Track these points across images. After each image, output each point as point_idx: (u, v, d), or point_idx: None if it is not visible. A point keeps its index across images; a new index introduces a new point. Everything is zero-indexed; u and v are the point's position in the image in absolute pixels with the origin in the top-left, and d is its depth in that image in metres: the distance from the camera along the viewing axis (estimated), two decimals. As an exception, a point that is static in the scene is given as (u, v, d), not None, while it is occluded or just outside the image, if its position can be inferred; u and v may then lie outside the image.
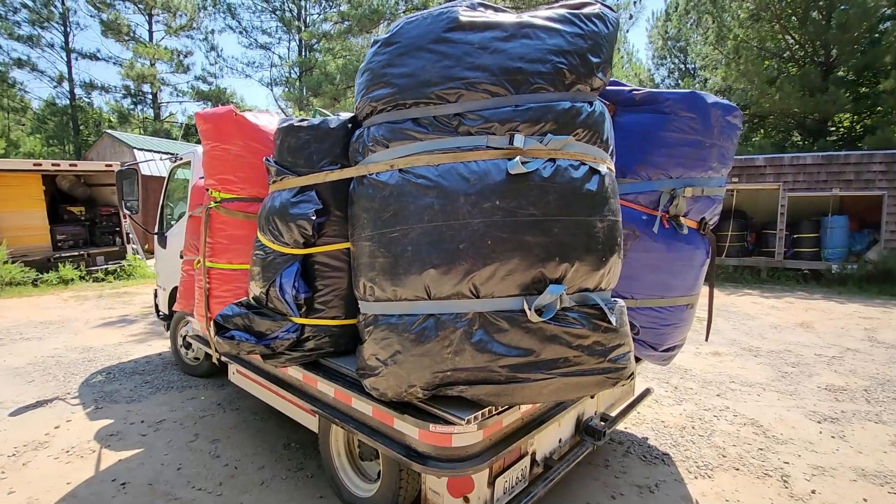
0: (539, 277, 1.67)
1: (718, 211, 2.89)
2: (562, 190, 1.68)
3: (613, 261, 1.83)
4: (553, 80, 1.74)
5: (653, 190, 2.66)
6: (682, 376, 4.99)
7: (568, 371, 1.71)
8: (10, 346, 5.33)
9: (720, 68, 18.43)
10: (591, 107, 1.81)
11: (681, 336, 2.97)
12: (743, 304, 8.78)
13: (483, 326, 1.67)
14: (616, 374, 1.81)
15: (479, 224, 1.65)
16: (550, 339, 1.67)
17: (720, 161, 2.70)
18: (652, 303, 2.77)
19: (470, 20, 1.75)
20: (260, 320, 2.31)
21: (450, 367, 1.69)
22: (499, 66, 1.71)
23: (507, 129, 1.71)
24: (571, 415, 2.60)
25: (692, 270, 2.82)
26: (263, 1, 25.26)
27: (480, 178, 1.66)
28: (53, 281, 9.08)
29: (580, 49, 1.78)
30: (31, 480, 2.74)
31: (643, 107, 2.65)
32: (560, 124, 1.73)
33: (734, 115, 2.65)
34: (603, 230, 1.77)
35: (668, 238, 2.69)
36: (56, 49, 19.58)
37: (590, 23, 1.82)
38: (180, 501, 2.58)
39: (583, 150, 1.78)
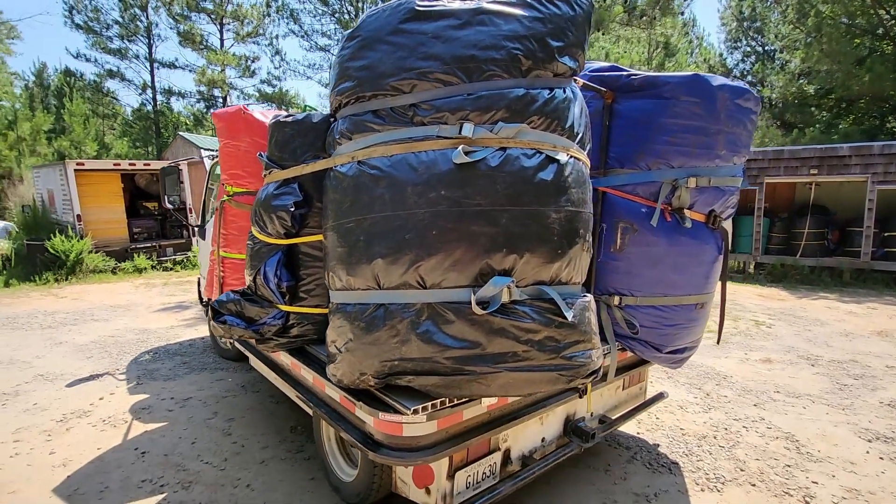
0: (486, 269, 1.63)
1: (733, 203, 2.65)
2: (510, 179, 1.63)
3: (574, 253, 1.75)
4: (508, 66, 1.68)
5: (652, 181, 2.50)
6: (718, 382, 4.65)
7: (517, 366, 1.66)
8: (81, 325, 6.02)
9: (800, 49, 16.72)
10: (550, 93, 1.74)
11: (690, 337, 2.77)
12: (814, 308, 7.99)
13: (431, 317, 1.67)
14: (571, 372, 1.73)
15: (424, 214, 1.64)
16: (497, 332, 1.63)
17: (730, 148, 2.48)
18: (654, 301, 2.61)
19: (426, 10, 1.74)
20: (250, 306, 2.45)
21: (397, 357, 1.70)
22: (451, 54, 1.68)
23: (458, 117, 1.68)
24: (558, 413, 2.52)
25: (700, 267, 2.61)
26: (323, 4, 26.35)
27: (428, 167, 1.65)
28: (129, 269, 10.10)
29: (538, 33, 1.71)
30: (69, 444, 3.10)
31: (642, 92, 2.49)
32: (513, 112, 1.68)
33: (745, 98, 2.41)
34: (559, 221, 1.69)
35: (669, 232, 2.51)
36: (141, 60, 21.75)
37: (551, 6, 1.75)
38: (187, 472, 2.80)
39: (539, 139, 1.71)
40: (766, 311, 8.12)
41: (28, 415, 3.51)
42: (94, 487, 2.63)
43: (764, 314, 7.94)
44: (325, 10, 25.97)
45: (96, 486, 2.65)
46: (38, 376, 4.26)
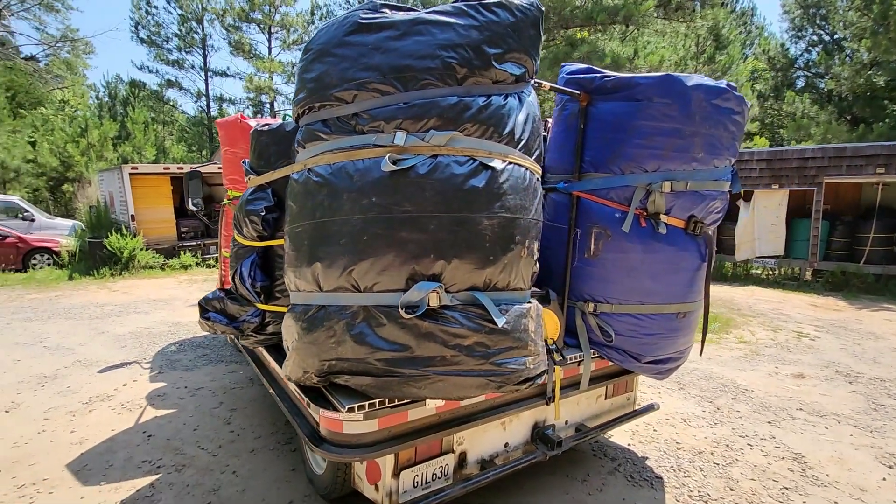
0: (414, 274, 1.67)
1: (717, 208, 2.53)
2: (439, 186, 1.66)
3: (509, 259, 1.75)
4: (442, 75, 1.72)
5: (626, 185, 2.43)
6: (735, 396, 4.40)
7: (445, 370, 1.69)
8: (124, 317, 6.56)
9: (866, 38, 15.34)
10: (486, 100, 1.75)
11: (672, 348, 2.66)
12: (872, 321, 7.37)
13: (365, 320, 1.73)
14: (501, 379, 1.74)
15: (357, 220, 1.70)
16: (425, 336, 1.67)
17: (709, 151, 2.37)
18: (630, 309, 2.54)
19: (368, 22, 1.80)
20: (231, 304, 2.61)
21: (334, 357, 1.77)
22: (388, 64, 1.74)
23: (393, 126, 1.73)
24: (524, 419, 2.50)
25: (679, 275, 2.52)
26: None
27: (362, 175, 1.72)
28: (176, 266, 10.86)
29: (474, 41, 1.73)
30: (89, 424, 3.42)
31: (616, 94, 2.43)
32: (445, 120, 1.71)
33: (723, 98, 2.30)
34: (492, 227, 1.71)
35: (645, 238, 2.44)
36: (196, 69, 23.32)
37: (488, 13, 1.76)
38: (184, 456, 3.02)
39: (473, 146, 1.73)
40: (814, 322, 7.58)
41: (60, 396, 3.89)
42: (101, 465, 2.90)
43: (810, 325, 7.41)
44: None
45: (102, 463, 2.92)
46: (77, 362, 4.70)
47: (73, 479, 2.74)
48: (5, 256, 10.24)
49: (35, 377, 4.29)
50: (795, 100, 19.85)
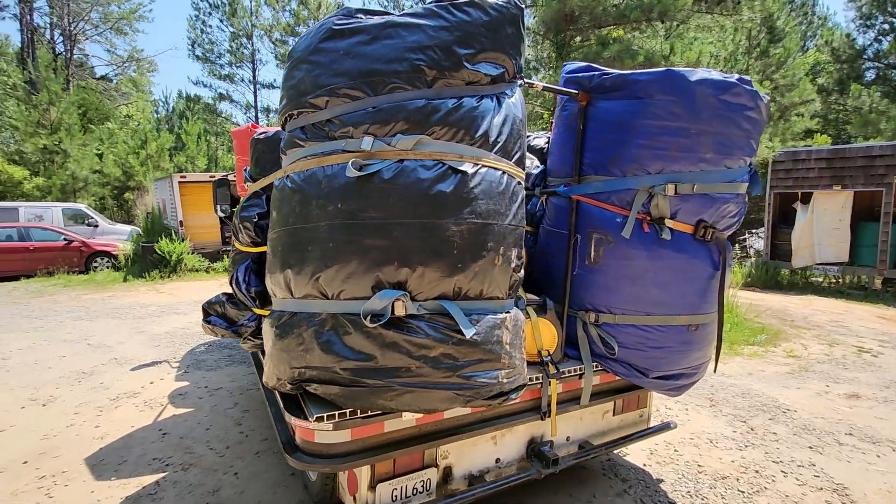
0: (379, 282, 1.63)
1: (731, 212, 2.33)
2: (404, 192, 1.61)
3: (481, 267, 1.68)
4: (410, 78, 1.67)
5: (627, 188, 2.28)
6: (774, 416, 4.04)
7: (410, 381, 1.63)
8: (164, 318, 6.93)
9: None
10: (457, 102, 1.69)
11: (684, 363, 2.47)
12: None
13: (334, 327, 1.70)
14: (470, 393, 1.65)
15: (324, 227, 1.68)
16: (390, 346, 1.62)
17: (719, 150, 2.18)
18: (636, 320, 2.38)
19: (341, 28, 1.79)
20: (231, 309, 2.67)
21: (303, 365, 1.75)
22: (358, 69, 1.71)
23: (362, 131, 1.70)
24: (518, 434, 2.39)
25: (689, 284, 2.33)
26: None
27: (330, 181, 1.70)
28: (220, 269, 11.41)
29: (443, 42, 1.68)
30: (112, 420, 3.61)
31: (616, 93, 2.30)
32: (412, 123, 1.66)
33: (733, 93, 2.11)
34: (460, 234, 1.63)
35: (649, 244, 2.28)
36: (246, 83, 24.60)
37: (459, 13, 1.70)
38: (192, 455, 3.11)
39: (442, 149, 1.67)
40: (878, 336, 6.91)
41: (93, 392, 4.14)
42: (116, 460, 3.04)
43: (874, 340, 6.76)
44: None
45: (118, 458, 3.06)
46: (113, 359, 5.00)
47: (88, 473, 2.89)
48: (70, 259, 11.14)
49: (74, 373, 4.60)
50: (862, 93, 18.29)
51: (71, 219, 12.91)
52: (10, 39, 26.78)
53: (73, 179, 15.84)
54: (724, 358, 6.01)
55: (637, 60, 7.10)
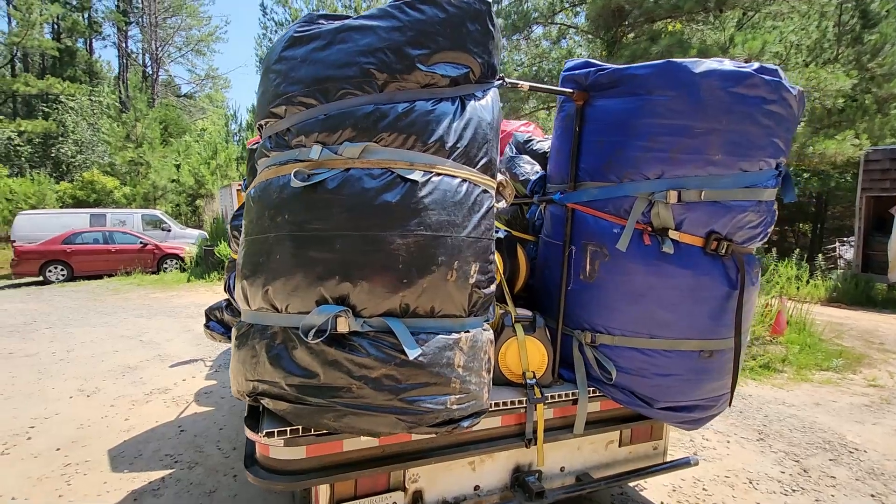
0: (321, 296, 1.55)
1: (751, 222, 2.03)
2: (348, 202, 1.53)
3: (430, 282, 1.55)
4: (360, 83, 1.59)
5: (625, 195, 2.05)
6: (836, 457, 3.51)
7: (351, 402, 1.54)
8: (213, 317, 7.37)
9: None
10: (408, 107, 1.58)
11: (696, 393, 2.18)
12: None
13: (284, 341, 1.64)
14: (413, 418, 1.53)
15: (273, 238, 1.64)
16: (331, 364, 1.54)
17: (732, 151, 1.90)
18: (637, 343, 2.14)
19: (300, 35, 1.75)
20: (227, 314, 2.73)
21: (255, 377, 1.72)
22: (312, 76, 1.66)
23: (313, 140, 1.65)
24: (500, 461, 2.21)
25: (700, 305, 2.06)
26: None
27: (280, 191, 1.66)
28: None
29: (395, 44, 1.58)
30: (141, 414, 3.84)
31: (613, 90, 2.09)
32: (360, 130, 1.58)
33: (748, 85, 1.83)
34: (406, 247, 1.52)
35: (649, 259, 2.04)
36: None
37: (413, 11, 1.60)
38: (201, 454, 3.22)
39: (391, 157, 1.57)
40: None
41: (132, 386, 4.45)
42: (133, 453, 3.22)
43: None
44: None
45: (135, 451, 3.23)
46: (157, 356, 5.36)
47: (107, 464, 3.07)
48: (144, 261, 12.25)
49: (122, 367, 4.98)
50: (981, 82, 15.76)
51: (148, 224, 14.20)
52: (111, 65, 30.27)
53: (153, 188, 17.48)
54: (789, 384, 5.36)
55: (690, 54, 6.55)
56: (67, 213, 13.99)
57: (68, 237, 11.90)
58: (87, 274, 11.92)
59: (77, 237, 12.04)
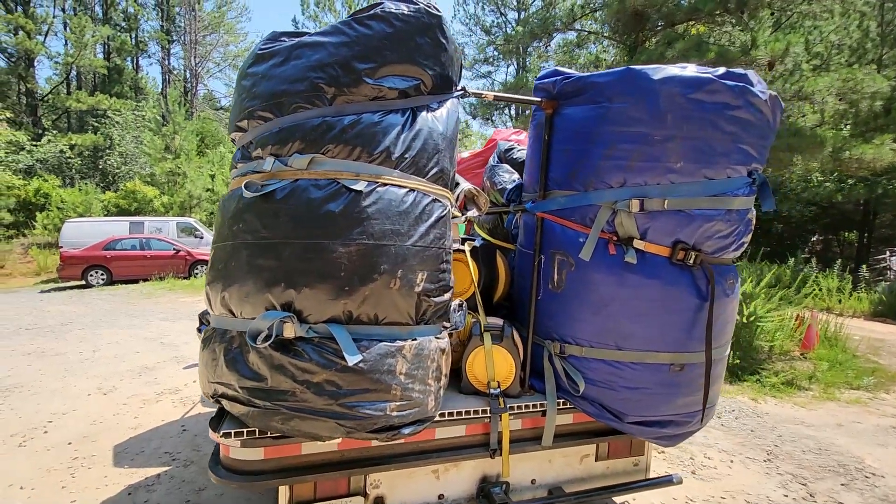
0: (269, 302, 1.61)
1: (720, 232, 1.97)
2: (294, 212, 1.59)
3: (371, 290, 1.59)
4: (310, 97, 1.66)
5: (589, 204, 2.03)
6: (849, 481, 3.31)
7: (294, 406, 1.58)
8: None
9: None
10: (355, 119, 1.63)
11: (668, 408, 2.12)
12: None
13: (240, 346, 1.72)
14: (352, 423, 1.56)
15: (230, 246, 1.72)
16: (278, 368, 1.59)
17: (694, 159, 1.86)
18: (605, 354, 2.10)
19: (262, 52, 1.83)
20: (217, 319, 2.84)
21: (216, 380, 1.79)
22: (269, 91, 1.74)
23: (268, 152, 1.72)
24: (466, 470, 2.20)
25: (669, 316, 2.01)
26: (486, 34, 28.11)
27: (237, 202, 1.74)
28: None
29: (342, 58, 1.64)
30: (150, 413, 4.03)
31: (578, 98, 2.08)
32: (308, 142, 1.64)
33: (709, 91, 1.79)
34: (348, 255, 1.57)
35: (615, 269, 2.02)
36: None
37: (361, 27, 1.65)
38: (197, 453, 3.35)
39: (337, 168, 1.62)
40: None
41: (146, 386, 4.67)
42: (136, 449, 3.38)
43: None
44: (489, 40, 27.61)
45: (138, 448, 3.39)
46: (174, 358, 5.61)
47: (110, 460, 3.24)
48: (177, 266, 12.84)
49: (139, 367, 5.23)
50: None
51: (182, 231, 14.89)
52: (156, 81, 32.11)
53: (189, 197, 18.34)
54: (812, 403, 5.08)
55: (707, 57, 6.36)
56: (109, 221, 14.86)
57: (108, 244, 12.63)
58: (124, 278, 12.60)
59: (116, 244, 12.76)
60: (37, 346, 6.08)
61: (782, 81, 8.14)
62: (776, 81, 8.20)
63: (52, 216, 17.60)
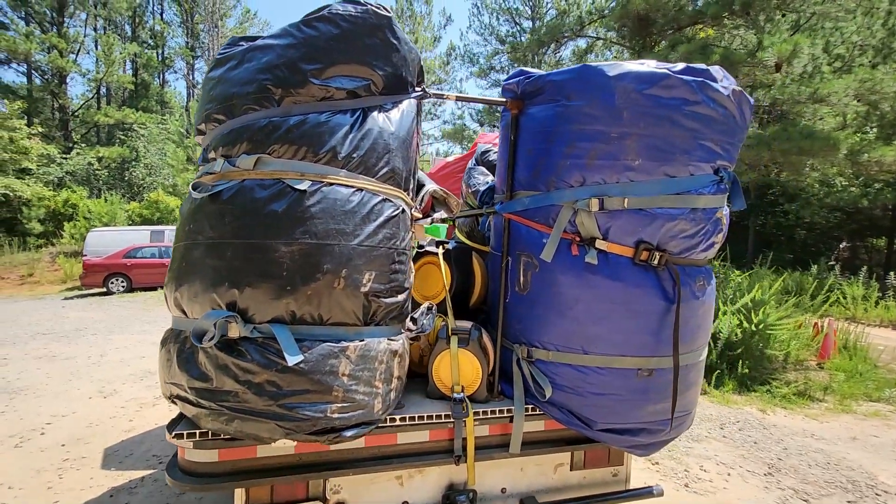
0: (215, 302, 1.62)
1: (684, 231, 1.90)
2: (238, 212, 1.60)
3: (314, 290, 1.58)
4: (258, 99, 1.67)
5: (551, 204, 1.99)
6: (856, 498, 3.14)
7: (237, 407, 1.58)
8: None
9: None
10: (300, 119, 1.64)
11: (638, 416, 2.05)
12: None
13: (193, 346, 1.73)
14: (291, 425, 1.54)
15: (182, 247, 1.74)
16: (222, 368, 1.59)
17: (652, 157, 1.81)
18: (571, 359, 2.04)
19: (220, 57, 1.87)
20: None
21: (170, 380, 1.80)
22: (222, 94, 1.77)
23: (219, 154, 1.74)
24: (431, 477, 2.15)
25: (636, 319, 1.95)
26: (500, 43, 28.19)
27: (191, 203, 1.76)
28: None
29: (289, 60, 1.65)
30: (145, 416, 4.09)
31: (539, 97, 2.05)
32: (254, 143, 1.65)
33: (664, 86, 1.74)
34: (290, 255, 1.56)
35: (578, 270, 1.97)
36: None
37: (308, 29, 1.67)
38: (184, 456, 3.37)
39: (283, 168, 1.63)
40: None
41: (146, 389, 4.76)
42: (125, 452, 3.43)
43: None
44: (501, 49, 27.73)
45: (127, 451, 3.45)
46: (177, 363, 5.70)
47: (99, 462, 3.29)
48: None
49: (142, 372, 5.34)
50: None
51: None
52: (181, 95, 33.24)
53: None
54: (826, 415, 4.84)
55: (712, 60, 6.23)
56: (131, 230, 15.33)
57: (129, 252, 13.03)
58: (144, 285, 12.96)
59: (137, 252, 13.16)
60: (49, 351, 6.28)
61: (797, 84, 7.91)
62: (791, 84, 7.96)
63: (79, 226, 18.28)
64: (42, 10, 24.52)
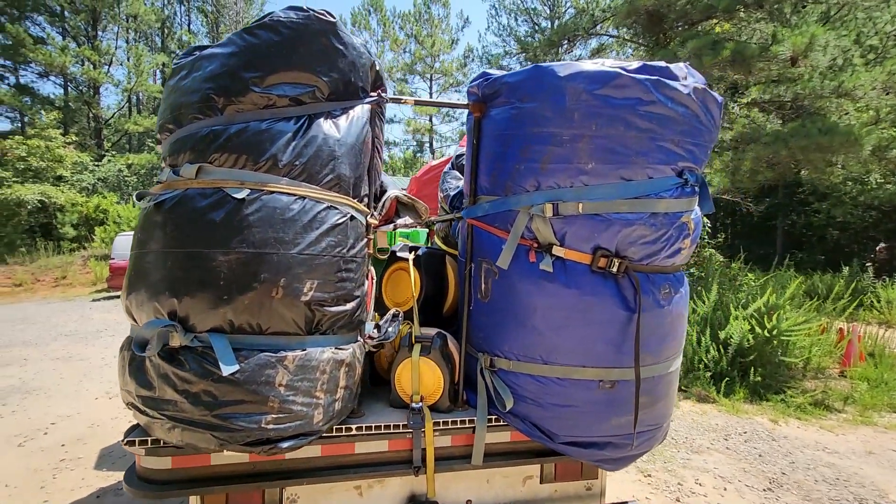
0: (157, 311, 1.63)
1: (643, 237, 1.82)
2: (178, 221, 1.61)
3: (251, 299, 1.57)
4: (202, 108, 1.68)
5: (509, 209, 1.94)
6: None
7: (175, 416, 1.58)
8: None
9: None
10: (241, 127, 1.64)
11: (602, 428, 1.97)
12: None
13: (141, 354, 1.74)
14: (225, 435, 1.53)
15: (133, 255, 1.76)
16: (163, 377, 1.60)
17: (606, 160, 1.74)
18: (531, 368, 1.99)
19: (175, 66, 1.89)
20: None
21: (123, 387, 1.82)
22: (173, 104, 1.79)
23: (168, 163, 1.76)
24: (391, 488, 2.12)
25: (594, 328, 1.88)
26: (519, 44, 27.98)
27: (141, 212, 1.78)
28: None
29: (231, 68, 1.66)
30: (143, 417, 4.19)
31: (497, 100, 2.00)
32: (196, 152, 1.66)
33: (616, 86, 1.66)
34: (227, 264, 1.56)
35: (534, 277, 1.91)
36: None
37: (250, 37, 1.67)
38: (174, 458, 3.44)
39: (223, 176, 1.63)
40: None
41: (149, 391, 4.88)
42: (120, 453, 3.52)
43: None
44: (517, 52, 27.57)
45: (122, 452, 3.54)
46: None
47: (93, 462, 3.39)
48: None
49: (148, 373, 5.48)
50: None
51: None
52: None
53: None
54: (843, 427, 4.59)
55: (723, 55, 5.99)
56: (156, 234, 15.84)
57: (151, 256, 13.46)
58: (165, 288, 13.35)
59: (159, 256, 13.58)
60: (67, 352, 6.53)
61: (821, 78, 7.54)
62: (814, 79, 7.60)
63: (109, 230, 19.04)
64: (77, 25, 25.69)
